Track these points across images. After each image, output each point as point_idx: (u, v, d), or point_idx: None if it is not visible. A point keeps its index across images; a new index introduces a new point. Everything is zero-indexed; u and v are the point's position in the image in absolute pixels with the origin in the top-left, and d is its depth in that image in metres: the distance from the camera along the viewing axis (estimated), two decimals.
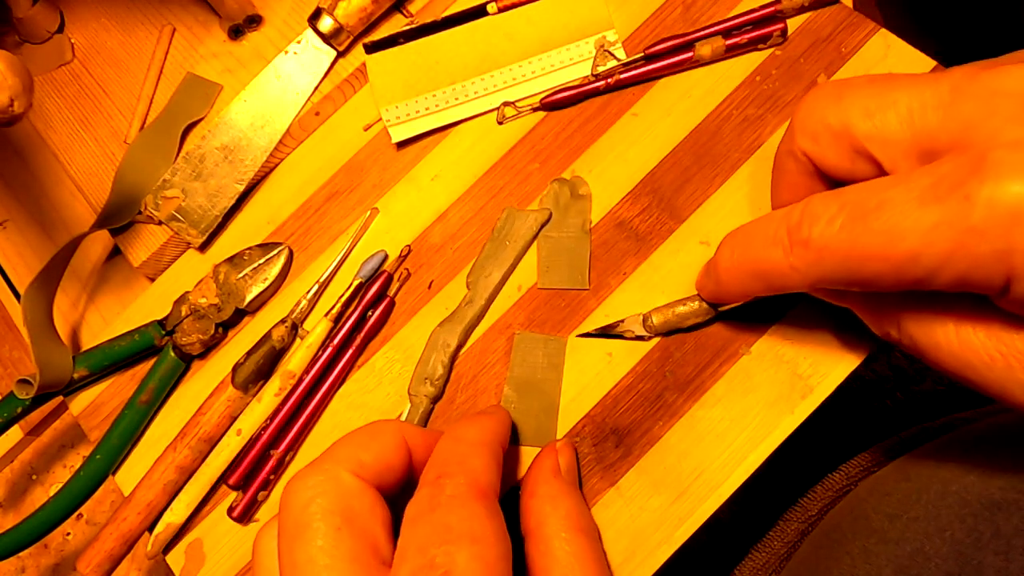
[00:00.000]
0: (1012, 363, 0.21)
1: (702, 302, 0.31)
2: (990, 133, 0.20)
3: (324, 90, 0.38)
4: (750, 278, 0.26)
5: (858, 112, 0.23)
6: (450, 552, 0.21)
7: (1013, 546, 0.26)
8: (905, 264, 0.20)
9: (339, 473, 0.23)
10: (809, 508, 0.43)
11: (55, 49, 0.42)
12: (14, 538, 0.34)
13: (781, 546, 0.42)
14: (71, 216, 0.42)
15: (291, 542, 0.23)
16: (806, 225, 0.22)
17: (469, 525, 0.22)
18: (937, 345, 0.23)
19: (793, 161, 0.25)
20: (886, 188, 0.21)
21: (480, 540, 0.22)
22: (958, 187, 0.19)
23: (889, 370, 0.64)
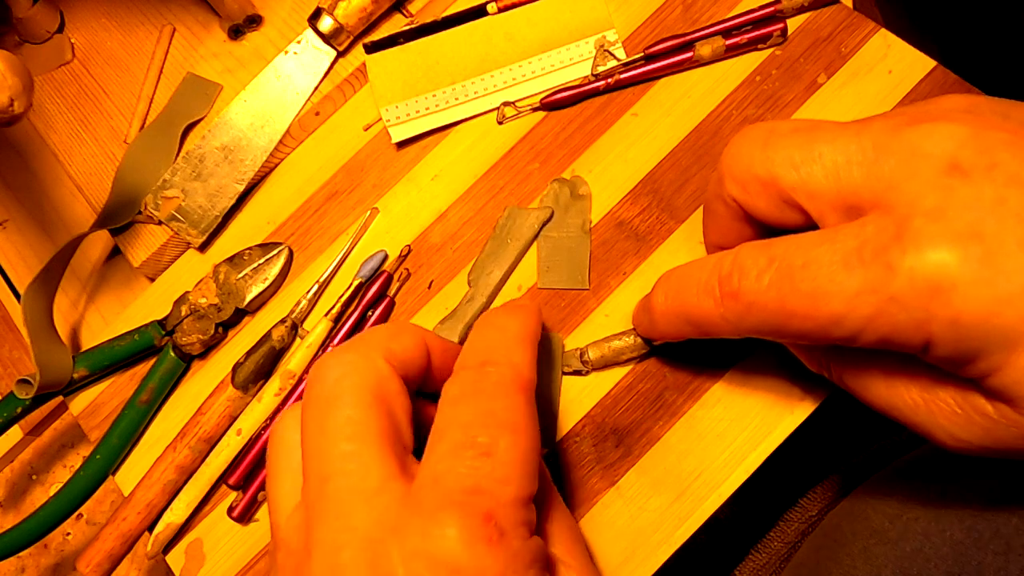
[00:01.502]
0: (933, 409, 0.23)
1: (637, 337, 0.31)
2: (911, 198, 0.20)
3: (324, 90, 0.38)
4: (682, 322, 0.26)
5: (784, 163, 0.23)
6: (494, 436, 0.22)
7: (1013, 546, 0.26)
8: (829, 325, 0.21)
9: (373, 355, 0.23)
10: (809, 508, 0.43)
11: (55, 49, 0.42)
12: (14, 538, 0.34)
13: (781, 546, 0.43)
14: (71, 216, 0.42)
15: (318, 412, 0.22)
16: (736, 277, 0.23)
17: (512, 415, 0.22)
18: (867, 389, 0.25)
19: (723, 205, 0.26)
20: (812, 246, 0.21)
21: (520, 431, 0.22)
22: (880, 254, 0.20)
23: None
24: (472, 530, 0.20)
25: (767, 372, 0.31)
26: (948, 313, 0.19)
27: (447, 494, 0.21)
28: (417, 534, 0.20)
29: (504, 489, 0.21)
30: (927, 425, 0.23)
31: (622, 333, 0.32)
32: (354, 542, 0.20)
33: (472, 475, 0.21)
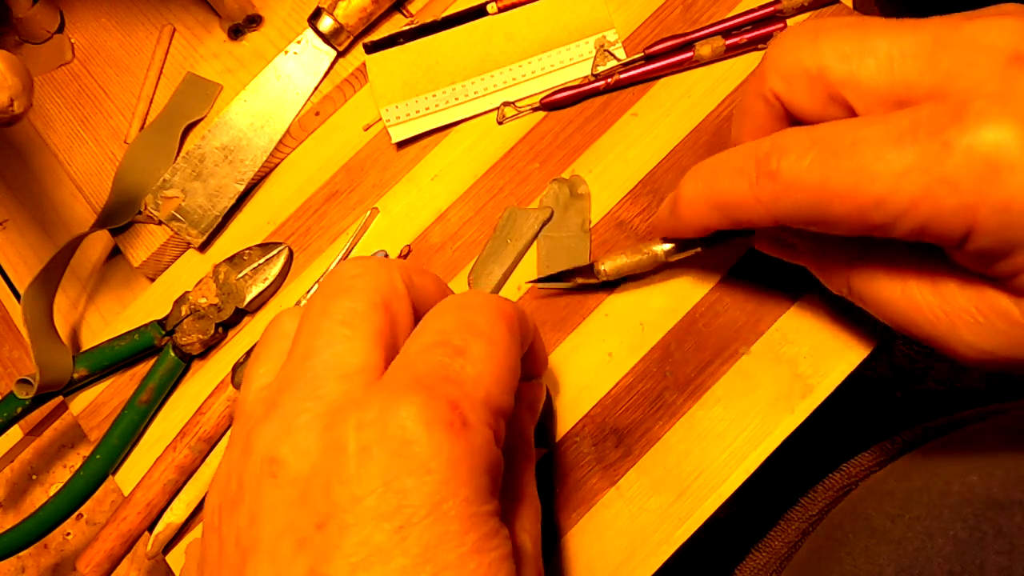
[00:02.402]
0: (955, 320, 0.22)
1: (653, 249, 0.31)
2: (971, 84, 0.20)
3: (324, 90, 0.38)
4: (711, 209, 0.25)
5: (835, 55, 0.22)
6: (467, 339, 0.21)
7: (1016, 545, 0.26)
8: (870, 208, 0.21)
9: (394, 272, 0.23)
10: (810, 508, 0.43)
11: (55, 49, 0.42)
12: (14, 538, 0.34)
13: (782, 546, 0.42)
14: (71, 216, 0.42)
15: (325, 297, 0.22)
16: (775, 157, 0.22)
17: (492, 329, 0.22)
18: (885, 302, 0.24)
19: (763, 103, 0.25)
20: (862, 127, 0.21)
21: (497, 344, 0.22)
22: (937, 132, 0.19)
23: (889, 370, 0.64)
24: (433, 411, 0.19)
25: (767, 372, 0.31)
26: (1000, 196, 0.19)
27: (414, 376, 0.20)
28: (376, 408, 0.20)
29: (474, 385, 0.21)
30: (947, 337, 0.23)
31: (638, 245, 0.31)
32: (315, 409, 0.20)
33: (443, 366, 0.21)
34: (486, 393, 0.21)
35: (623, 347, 0.33)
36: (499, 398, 0.21)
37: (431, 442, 0.19)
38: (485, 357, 0.21)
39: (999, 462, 0.29)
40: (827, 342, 0.31)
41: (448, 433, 0.19)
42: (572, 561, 0.30)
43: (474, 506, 0.19)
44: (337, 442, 0.19)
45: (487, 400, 0.21)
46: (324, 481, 0.19)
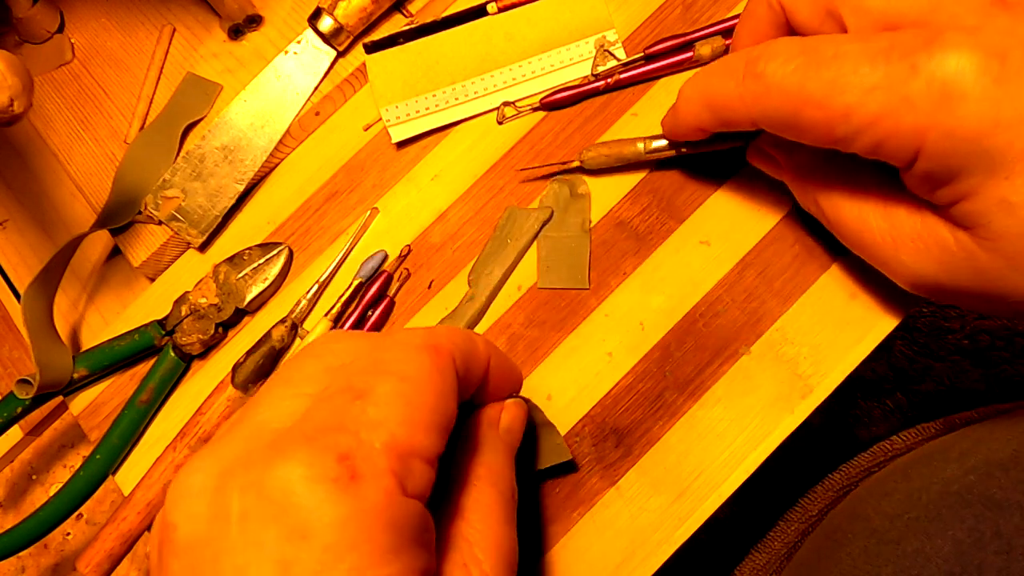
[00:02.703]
0: (898, 244, 0.24)
1: (635, 144, 0.33)
2: (953, 17, 0.21)
3: (324, 90, 0.38)
4: (703, 107, 0.27)
5: None
6: (371, 380, 0.20)
7: (1014, 546, 0.26)
8: (836, 118, 0.22)
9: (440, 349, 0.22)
10: (809, 508, 0.43)
11: (55, 49, 0.42)
12: (14, 538, 0.34)
13: (781, 546, 0.42)
14: (71, 216, 0.42)
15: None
16: (763, 60, 0.24)
17: (403, 365, 0.20)
18: (843, 221, 0.26)
19: (766, 8, 0.26)
20: (846, 42, 0.22)
21: (411, 380, 0.20)
22: (908, 55, 0.21)
23: (889, 370, 0.64)
24: (317, 467, 0.18)
25: (767, 372, 0.31)
26: (949, 123, 0.20)
27: (304, 429, 0.19)
28: (259, 467, 0.18)
29: (373, 432, 0.19)
30: (889, 259, 0.25)
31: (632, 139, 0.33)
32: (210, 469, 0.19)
33: (336, 414, 0.19)
34: (390, 437, 0.19)
35: (623, 347, 0.32)
36: (411, 439, 0.19)
37: (312, 503, 0.17)
38: (391, 397, 0.20)
39: (999, 463, 0.29)
40: (827, 342, 0.31)
41: (333, 491, 0.17)
42: (572, 561, 0.30)
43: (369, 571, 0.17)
44: (222, 509, 0.18)
45: (391, 444, 0.19)
46: (212, 552, 0.18)
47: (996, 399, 0.54)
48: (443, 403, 0.21)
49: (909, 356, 0.64)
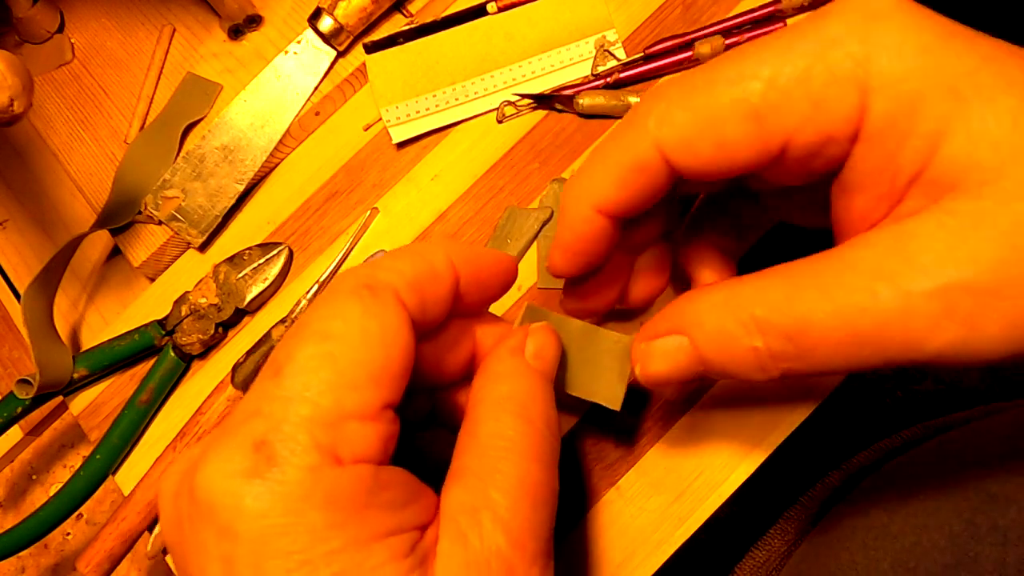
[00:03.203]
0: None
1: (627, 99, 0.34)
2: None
3: (324, 90, 0.38)
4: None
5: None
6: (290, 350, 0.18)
7: (1010, 538, 0.26)
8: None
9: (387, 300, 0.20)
10: (809, 507, 0.43)
11: (55, 49, 0.42)
12: (14, 538, 0.34)
13: (781, 544, 0.43)
14: (71, 216, 0.42)
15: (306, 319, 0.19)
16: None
17: (327, 321, 0.19)
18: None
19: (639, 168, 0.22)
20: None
21: (335, 336, 0.18)
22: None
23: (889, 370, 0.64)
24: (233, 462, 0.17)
25: None
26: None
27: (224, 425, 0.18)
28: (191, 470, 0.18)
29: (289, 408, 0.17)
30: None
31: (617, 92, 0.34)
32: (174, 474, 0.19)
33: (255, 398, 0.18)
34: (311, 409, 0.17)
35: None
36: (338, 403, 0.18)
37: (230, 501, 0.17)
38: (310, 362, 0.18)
39: (995, 458, 0.29)
40: None
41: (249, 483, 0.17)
42: (572, 561, 0.30)
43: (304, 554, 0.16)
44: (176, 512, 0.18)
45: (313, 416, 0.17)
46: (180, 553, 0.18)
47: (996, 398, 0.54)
48: (382, 349, 0.19)
49: None
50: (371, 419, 0.18)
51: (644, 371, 0.23)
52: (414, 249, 0.21)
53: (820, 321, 0.19)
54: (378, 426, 0.18)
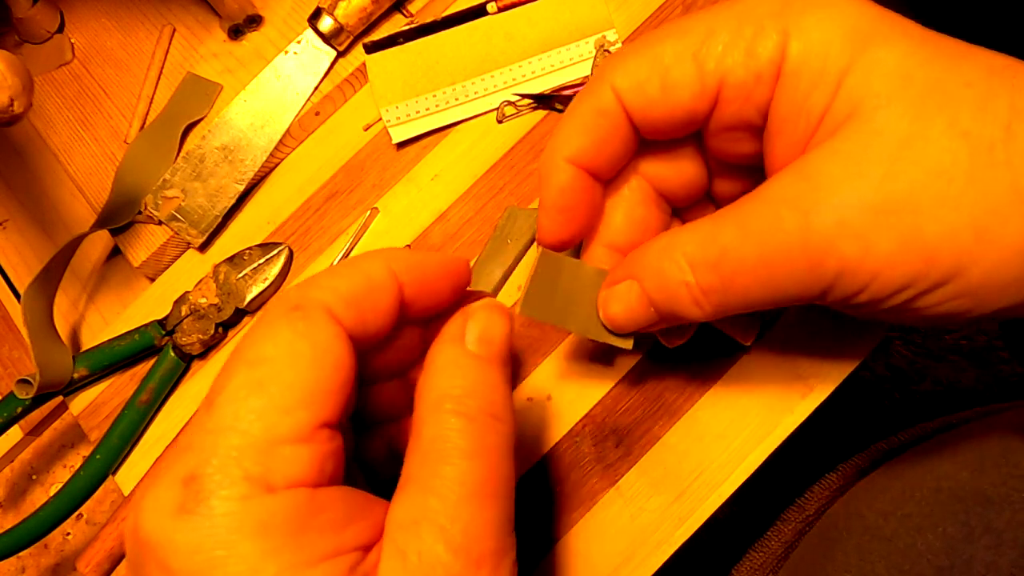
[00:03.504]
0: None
1: None
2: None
3: (324, 90, 0.39)
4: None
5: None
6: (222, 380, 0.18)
7: (1004, 540, 0.27)
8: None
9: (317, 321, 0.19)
10: (806, 508, 0.43)
11: (55, 49, 0.42)
12: (14, 538, 0.34)
13: (778, 546, 0.43)
14: (71, 216, 0.42)
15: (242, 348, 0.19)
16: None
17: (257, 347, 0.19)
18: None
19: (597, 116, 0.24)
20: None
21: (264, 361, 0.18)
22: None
23: (887, 370, 0.64)
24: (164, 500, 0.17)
25: (767, 372, 0.31)
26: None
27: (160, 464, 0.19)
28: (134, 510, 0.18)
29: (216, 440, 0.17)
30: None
31: None
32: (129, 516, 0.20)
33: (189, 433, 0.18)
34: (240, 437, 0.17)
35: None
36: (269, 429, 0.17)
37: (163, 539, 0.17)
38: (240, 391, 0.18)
39: (991, 459, 0.29)
40: (827, 342, 0.31)
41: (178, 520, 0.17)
42: (572, 561, 0.30)
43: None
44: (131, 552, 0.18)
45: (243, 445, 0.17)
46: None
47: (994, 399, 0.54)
48: (313, 369, 0.18)
49: (907, 356, 0.64)
50: (305, 441, 0.18)
51: (605, 314, 0.25)
52: (351, 262, 0.21)
53: (736, 249, 0.21)
54: (313, 447, 0.18)
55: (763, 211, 0.21)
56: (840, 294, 0.21)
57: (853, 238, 0.19)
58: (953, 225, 0.19)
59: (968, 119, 0.19)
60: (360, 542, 0.18)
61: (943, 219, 0.19)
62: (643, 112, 0.24)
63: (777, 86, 0.21)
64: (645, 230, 0.27)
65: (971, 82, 0.20)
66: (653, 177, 0.27)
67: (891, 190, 0.19)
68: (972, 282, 0.19)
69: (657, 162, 0.26)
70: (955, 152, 0.19)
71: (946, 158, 0.19)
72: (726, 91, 0.22)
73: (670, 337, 0.27)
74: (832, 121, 0.21)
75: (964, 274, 0.19)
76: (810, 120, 0.21)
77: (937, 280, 0.20)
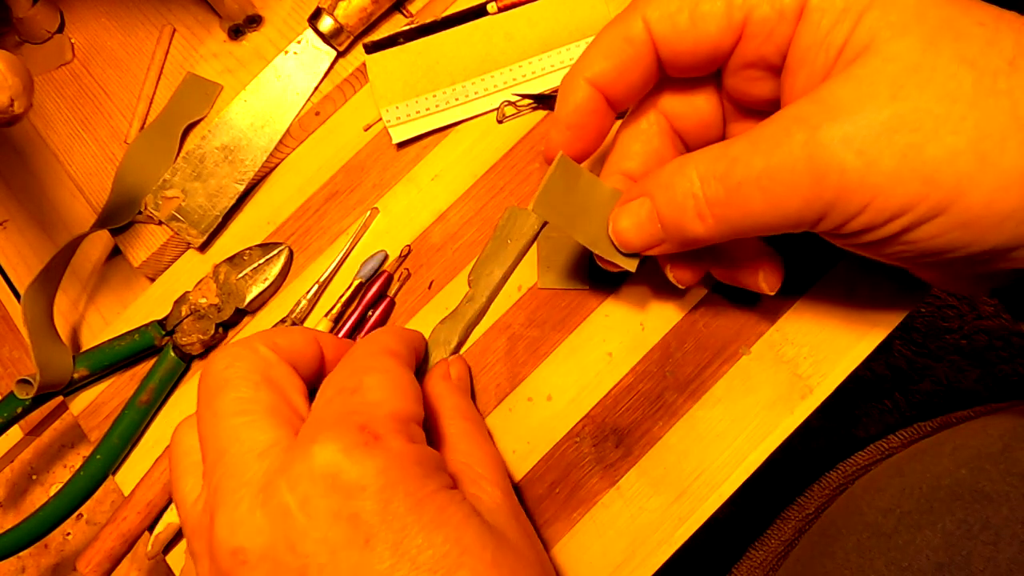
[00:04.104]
0: None
1: None
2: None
3: (324, 90, 0.39)
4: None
5: None
6: (358, 378, 0.24)
7: (1002, 536, 0.27)
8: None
9: (256, 346, 0.26)
10: (806, 507, 0.43)
11: (55, 49, 0.42)
12: (14, 538, 0.34)
13: (778, 544, 0.43)
14: (71, 216, 0.42)
15: (211, 398, 0.24)
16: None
17: (373, 361, 0.25)
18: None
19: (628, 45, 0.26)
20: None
21: (387, 371, 0.25)
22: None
23: (887, 370, 0.64)
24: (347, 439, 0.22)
25: (768, 372, 0.31)
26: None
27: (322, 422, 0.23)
28: (299, 461, 0.22)
29: (374, 408, 0.23)
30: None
31: None
32: (248, 494, 0.22)
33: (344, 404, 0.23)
34: (388, 410, 0.23)
35: (623, 347, 0.33)
36: (404, 409, 0.24)
37: (355, 464, 0.21)
38: (377, 384, 0.24)
39: (989, 456, 0.29)
40: (827, 342, 0.31)
41: (365, 449, 0.22)
42: (572, 561, 0.30)
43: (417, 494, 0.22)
44: (280, 507, 0.21)
45: (393, 414, 0.23)
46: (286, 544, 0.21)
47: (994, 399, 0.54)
48: (411, 383, 0.26)
49: (907, 356, 0.64)
50: (419, 423, 0.25)
51: (614, 228, 0.27)
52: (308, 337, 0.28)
53: (744, 160, 0.22)
54: (421, 429, 0.25)
55: (774, 127, 0.22)
56: (839, 215, 0.21)
57: (856, 153, 0.20)
58: (953, 147, 0.20)
59: (975, 51, 0.20)
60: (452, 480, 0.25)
61: (944, 140, 0.20)
62: (670, 43, 0.25)
63: (800, 21, 0.23)
64: (660, 161, 0.28)
65: (982, 21, 0.21)
66: (671, 113, 0.28)
67: (896, 109, 0.20)
68: (968, 212, 0.20)
69: (676, 98, 0.28)
70: (960, 78, 0.20)
71: (951, 83, 0.20)
72: (750, 26, 0.23)
73: (678, 270, 0.28)
74: (850, 52, 0.22)
75: (961, 201, 0.20)
76: (829, 53, 0.22)
77: (935, 206, 0.20)
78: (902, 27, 0.21)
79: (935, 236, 0.21)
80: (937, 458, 0.32)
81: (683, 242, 0.25)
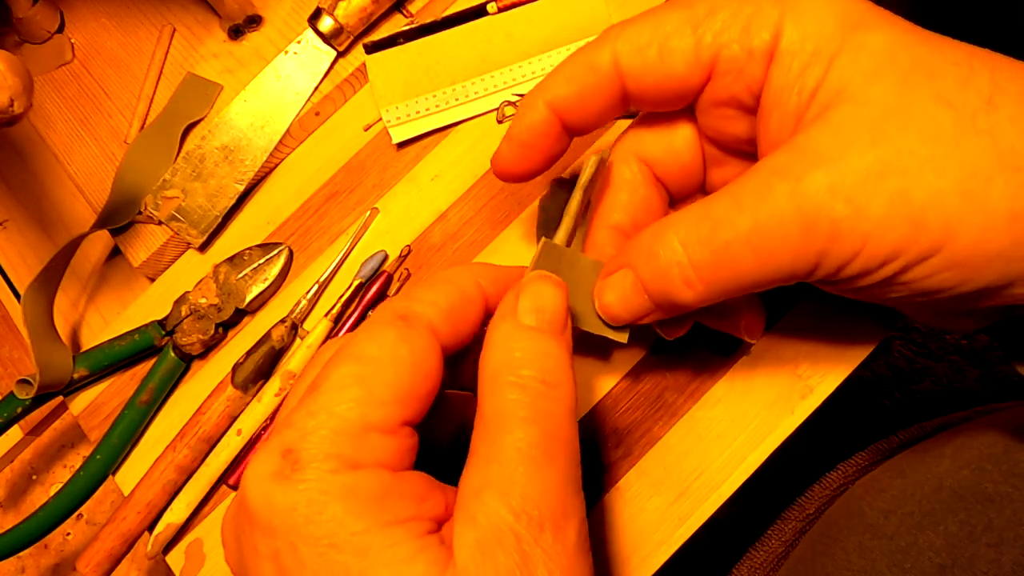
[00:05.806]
0: None
1: None
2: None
3: (324, 90, 0.39)
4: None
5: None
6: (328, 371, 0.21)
7: (1005, 538, 0.27)
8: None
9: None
10: (807, 507, 0.43)
11: (55, 49, 0.42)
12: (14, 538, 0.34)
13: (779, 545, 0.43)
14: (71, 216, 0.42)
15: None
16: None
17: (364, 346, 0.21)
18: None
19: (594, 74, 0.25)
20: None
21: (369, 359, 0.20)
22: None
23: (887, 370, 0.64)
24: (264, 466, 0.19)
25: (767, 372, 0.31)
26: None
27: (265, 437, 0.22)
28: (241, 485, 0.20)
29: (316, 420, 0.20)
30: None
31: None
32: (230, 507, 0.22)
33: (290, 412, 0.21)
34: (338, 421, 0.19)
35: (623, 347, 0.33)
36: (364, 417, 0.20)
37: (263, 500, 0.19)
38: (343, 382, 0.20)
39: (991, 457, 0.29)
40: (827, 343, 0.31)
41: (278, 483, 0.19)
42: None
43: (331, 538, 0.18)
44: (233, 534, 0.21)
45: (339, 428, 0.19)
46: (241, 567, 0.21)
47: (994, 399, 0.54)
48: (409, 373, 0.21)
49: (907, 356, 0.64)
50: (390, 433, 0.20)
51: (600, 303, 0.25)
52: (446, 277, 0.23)
53: (728, 220, 0.21)
54: (396, 439, 0.20)
55: (755, 181, 0.21)
56: (832, 263, 0.21)
57: (845, 201, 0.20)
58: (939, 189, 0.20)
59: (952, 91, 0.20)
60: (434, 515, 0.20)
61: (929, 182, 0.20)
62: (639, 76, 0.24)
63: (771, 65, 0.22)
64: (648, 211, 0.27)
65: (955, 61, 0.21)
66: (651, 160, 0.27)
67: (879, 154, 0.20)
68: (959, 252, 0.20)
69: (655, 144, 0.27)
70: (940, 119, 0.20)
71: (931, 124, 0.20)
72: (720, 64, 0.23)
73: (667, 328, 0.27)
74: (824, 97, 0.21)
75: (951, 243, 0.20)
76: (802, 96, 0.22)
77: (926, 248, 0.20)
78: (874, 71, 0.21)
79: (927, 277, 0.20)
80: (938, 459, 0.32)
81: (672, 309, 0.24)
